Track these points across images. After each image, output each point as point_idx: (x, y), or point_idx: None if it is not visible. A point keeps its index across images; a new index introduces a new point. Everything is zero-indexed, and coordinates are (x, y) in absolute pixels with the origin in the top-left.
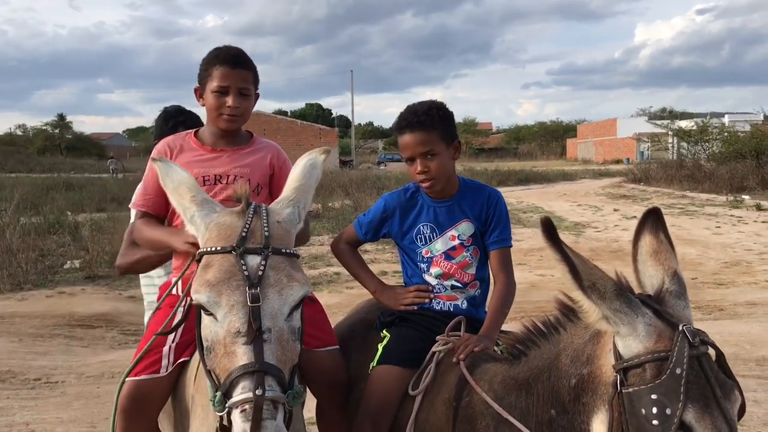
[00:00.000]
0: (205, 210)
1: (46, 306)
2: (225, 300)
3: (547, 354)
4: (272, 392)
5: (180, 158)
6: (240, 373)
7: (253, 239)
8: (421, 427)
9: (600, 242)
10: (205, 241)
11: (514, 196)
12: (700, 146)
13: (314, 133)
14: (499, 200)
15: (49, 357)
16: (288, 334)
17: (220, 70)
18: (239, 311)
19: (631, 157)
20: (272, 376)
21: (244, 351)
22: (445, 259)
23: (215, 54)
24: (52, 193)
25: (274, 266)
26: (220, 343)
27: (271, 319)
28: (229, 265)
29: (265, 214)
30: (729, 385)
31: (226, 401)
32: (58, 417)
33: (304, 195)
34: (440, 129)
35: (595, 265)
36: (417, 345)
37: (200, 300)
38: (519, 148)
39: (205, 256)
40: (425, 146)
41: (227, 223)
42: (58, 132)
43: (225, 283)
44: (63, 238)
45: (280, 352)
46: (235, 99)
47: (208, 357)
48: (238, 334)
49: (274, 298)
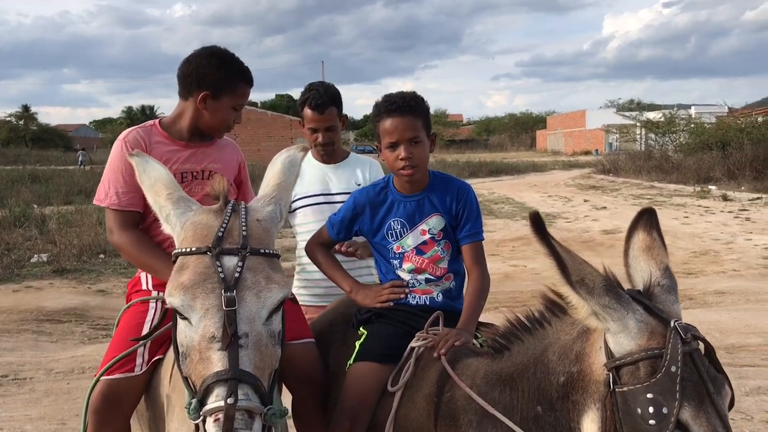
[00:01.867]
0: (181, 208)
1: (14, 301)
2: (199, 304)
3: (532, 349)
4: (246, 402)
5: (154, 151)
6: (213, 380)
7: (231, 239)
8: (401, 423)
9: (571, 233)
10: (180, 240)
11: (485, 187)
12: (667, 137)
13: (285, 124)
14: (469, 193)
15: (17, 353)
16: (267, 339)
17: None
18: (214, 315)
19: (600, 148)
20: (247, 384)
21: (218, 357)
22: (417, 254)
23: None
24: (17, 186)
25: (251, 267)
26: (195, 349)
27: (248, 324)
28: (204, 267)
29: (244, 213)
30: (720, 379)
31: (201, 409)
32: (27, 414)
33: (285, 192)
34: (424, 118)
35: (584, 260)
36: (395, 341)
37: (174, 303)
38: (490, 140)
39: (180, 257)
40: (413, 131)
41: (203, 222)
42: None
43: (199, 286)
44: (30, 231)
45: (257, 358)
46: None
47: (183, 363)
48: (213, 339)
49: (252, 301)
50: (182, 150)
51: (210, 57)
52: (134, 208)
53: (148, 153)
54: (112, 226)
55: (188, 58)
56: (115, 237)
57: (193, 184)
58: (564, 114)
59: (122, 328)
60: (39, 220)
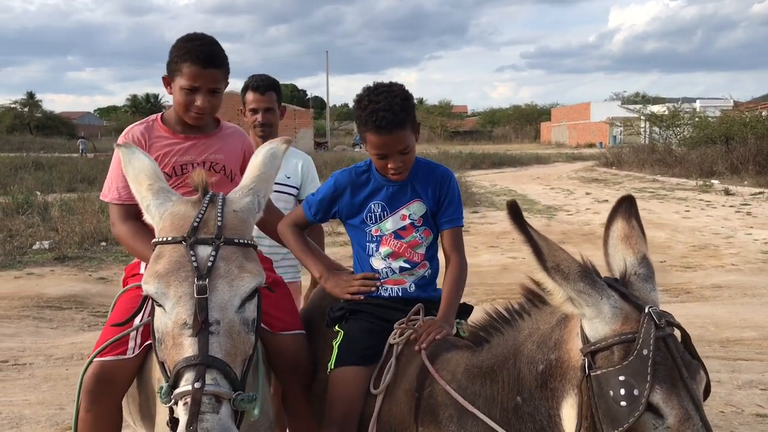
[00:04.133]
0: (160, 199)
1: (15, 287)
2: (173, 291)
3: (512, 341)
4: (214, 387)
5: (153, 146)
6: (183, 366)
7: (206, 229)
8: (384, 419)
9: (572, 225)
10: (159, 230)
11: (488, 179)
12: (671, 131)
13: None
14: (451, 180)
15: (17, 339)
16: (240, 326)
17: (191, 69)
18: (186, 303)
19: (603, 141)
20: (216, 369)
21: (189, 343)
22: (395, 238)
23: (187, 49)
24: (21, 173)
25: (225, 257)
26: (169, 335)
27: (220, 311)
28: (179, 256)
29: (221, 203)
30: (695, 365)
31: (172, 392)
32: (26, 399)
33: (264, 184)
34: (409, 121)
35: (560, 247)
36: (373, 339)
37: (149, 291)
38: (494, 132)
39: (158, 246)
40: (403, 144)
41: (181, 212)
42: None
43: (173, 274)
44: (32, 218)
45: (229, 344)
46: (204, 99)
47: (159, 348)
48: (185, 325)
49: (224, 289)
50: (182, 142)
51: (175, 42)
52: (133, 201)
53: (149, 148)
54: (113, 218)
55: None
56: (116, 229)
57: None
58: (568, 106)
59: (117, 312)
60: (42, 207)
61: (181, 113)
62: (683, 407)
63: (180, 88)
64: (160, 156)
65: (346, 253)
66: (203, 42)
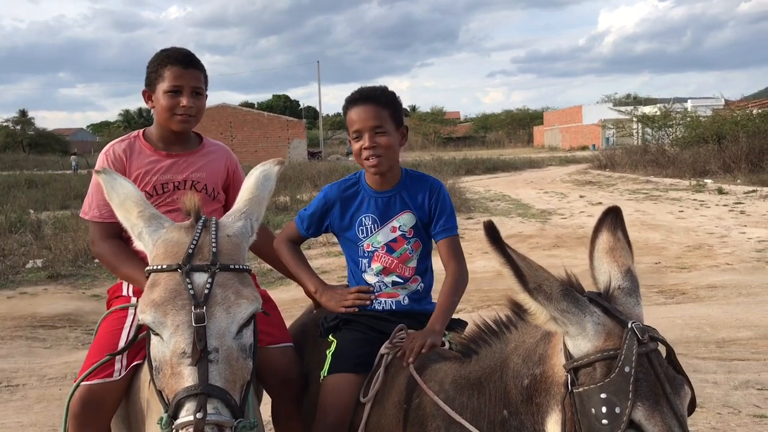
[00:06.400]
0: (153, 226)
1: (8, 307)
2: (170, 320)
3: (499, 353)
4: (216, 416)
5: (134, 164)
6: (184, 396)
7: (201, 256)
8: (372, 430)
9: (566, 229)
10: (152, 258)
11: (481, 184)
12: (663, 132)
13: (281, 125)
14: (441, 189)
15: (9, 360)
16: (238, 353)
17: (172, 71)
18: (184, 332)
19: (597, 143)
20: (217, 398)
21: (189, 372)
22: (387, 252)
23: (165, 55)
24: (14, 191)
25: (221, 283)
26: (167, 364)
27: (219, 339)
28: (175, 284)
29: (214, 229)
30: (679, 380)
31: (172, 423)
32: (18, 421)
33: (257, 207)
34: (391, 109)
35: (540, 266)
36: (365, 348)
37: (145, 320)
38: (487, 137)
39: (152, 274)
40: (376, 120)
41: (174, 239)
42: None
43: (170, 303)
44: (25, 236)
45: (228, 372)
46: (189, 99)
47: (156, 377)
48: (183, 355)
49: (222, 316)
50: (163, 160)
51: (151, 58)
52: (114, 219)
53: (129, 165)
54: (94, 237)
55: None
56: (96, 247)
57: (175, 194)
58: (560, 110)
59: (101, 334)
60: (35, 225)
61: (166, 120)
62: (666, 424)
63: (164, 92)
64: (141, 174)
65: (340, 264)
66: (180, 49)
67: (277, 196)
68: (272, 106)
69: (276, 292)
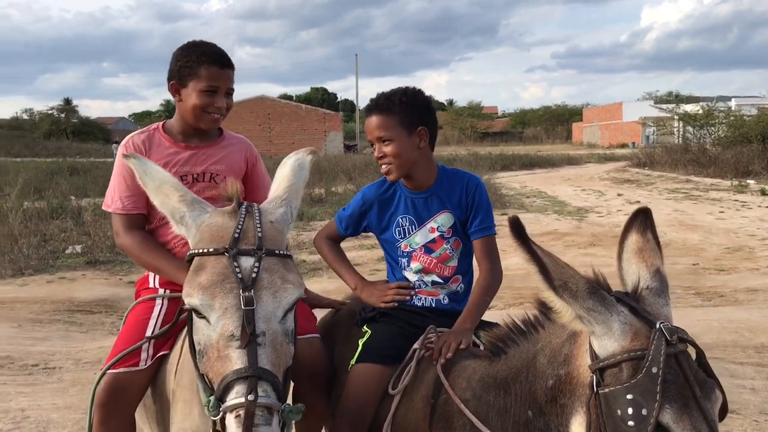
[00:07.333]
0: (196, 210)
1: (47, 291)
2: (218, 303)
3: (525, 353)
4: (266, 398)
5: (153, 155)
6: (234, 378)
7: (246, 240)
8: (399, 424)
9: (602, 227)
10: (196, 242)
11: (518, 180)
12: (705, 130)
13: (318, 118)
14: (478, 186)
15: (47, 343)
16: (282, 337)
17: (210, 70)
18: (233, 315)
19: (636, 141)
20: (266, 381)
21: (238, 355)
22: (425, 253)
23: (201, 52)
24: (56, 178)
25: (267, 268)
26: (214, 347)
27: (265, 323)
28: (222, 268)
29: (258, 214)
30: (709, 383)
31: (220, 406)
32: (54, 403)
33: (296, 195)
34: (400, 115)
35: (567, 264)
36: (398, 341)
37: (193, 303)
38: (524, 132)
39: (197, 257)
40: (380, 131)
41: (219, 223)
42: (63, 116)
43: (218, 286)
44: (65, 222)
45: (274, 355)
46: (223, 99)
47: (200, 360)
48: (232, 337)
49: (268, 300)
50: (182, 152)
51: (176, 51)
52: (138, 210)
53: (149, 157)
54: (118, 228)
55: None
56: (121, 239)
57: (194, 186)
58: (600, 106)
59: (129, 324)
60: (75, 211)
61: (195, 118)
62: (695, 428)
63: (199, 91)
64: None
65: (373, 256)
66: (214, 46)
67: (312, 188)
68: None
69: (307, 283)
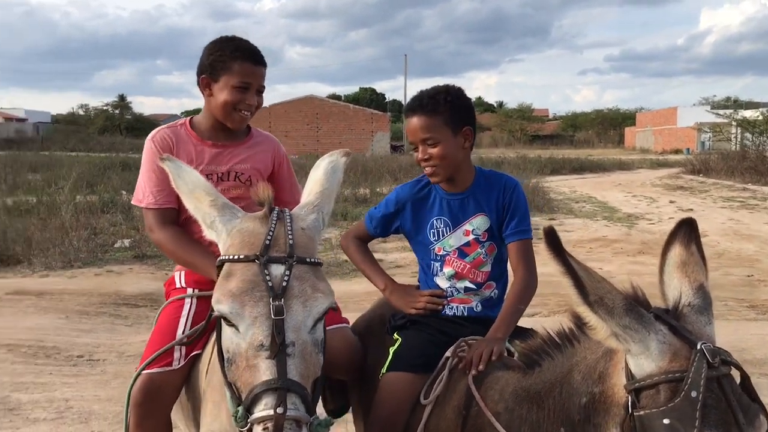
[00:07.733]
0: (227, 215)
1: (95, 284)
2: (248, 311)
3: (560, 367)
4: (294, 411)
5: (180, 152)
6: (262, 389)
7: (277, 247)
8: None
9: (653, 235)
10: (226, 248)
11: (567, 185)
12: (765, 137)
13: (366, 118)
14: (516, 188)
15: (93, 335)
16: (311, 347)
17: (244, 66)
18: (262, 324)
19: (691, 147)
20: (295, 393)
21: (266, 366)
22: (459, 257)
23: (235, 46)
24: (108, 173)
25: (298, 276)
26: (242, 356)
27: (295, 332)
28: (252, 275)
29: (289, 221)
30: (754, 409)
31: (248, 416)
32: (96, 395)
33: (328, 200)
34: (445, 114)
35: (603, 278)
36: (429, 350)
37: (222, 311)
38: (576, 136)
39: (227, 264)
40: (425, 132)
41: (250, 229)
42: (118, 112)
43: (248, 294)
44: (115, 216)
45: (303, 366)
46: (254, 97)
47: (228, 369)
48: (261, 347)
49: (299, 310)
50: (208, 150)
51: (208, 45)
52: (170, 204)
53: (175, 153)
54: (151, 224)
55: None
56: (155, 234)
57: (219, 186)
58: (654, 111)
59: (161, 324)
60: (125, 206)
61: (225, 114)
62: None
63: (232, 87)
64: None
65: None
66: (248, 42)
67: (357, 188)
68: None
69: (349, 284)
